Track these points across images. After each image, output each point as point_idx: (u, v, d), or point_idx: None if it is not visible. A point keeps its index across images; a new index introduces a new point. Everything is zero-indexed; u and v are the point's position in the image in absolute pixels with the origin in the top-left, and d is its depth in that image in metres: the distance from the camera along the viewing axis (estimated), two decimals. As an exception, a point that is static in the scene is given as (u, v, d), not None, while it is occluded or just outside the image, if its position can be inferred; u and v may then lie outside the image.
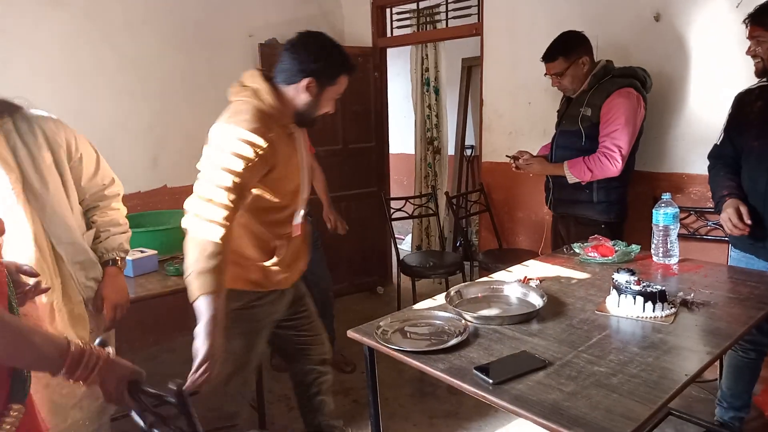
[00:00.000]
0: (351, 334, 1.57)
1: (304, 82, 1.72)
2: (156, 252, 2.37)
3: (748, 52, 2.03)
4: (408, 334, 1.56)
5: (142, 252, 2.33)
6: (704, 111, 2.64)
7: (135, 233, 2.04)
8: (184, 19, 3.40)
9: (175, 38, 3.38)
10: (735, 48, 2.52)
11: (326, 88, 1.77)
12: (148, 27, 3.26)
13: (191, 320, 1.58)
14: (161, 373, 2.97)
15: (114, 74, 3.15)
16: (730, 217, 1.95)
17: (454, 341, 1.45)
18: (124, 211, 1.89)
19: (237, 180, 1.60)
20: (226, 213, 1.59)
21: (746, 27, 2.00)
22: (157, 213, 3.00)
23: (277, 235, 1.86)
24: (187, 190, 1.65)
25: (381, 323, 1.57)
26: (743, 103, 2.10)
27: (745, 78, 2.28)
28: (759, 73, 2.02)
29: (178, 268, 2.28)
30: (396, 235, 4.60)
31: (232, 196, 1.60)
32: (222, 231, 1.58)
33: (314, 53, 1.72)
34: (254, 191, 1.74)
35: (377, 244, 4.38)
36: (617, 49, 2.77)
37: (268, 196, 1.77)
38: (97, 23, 3.07)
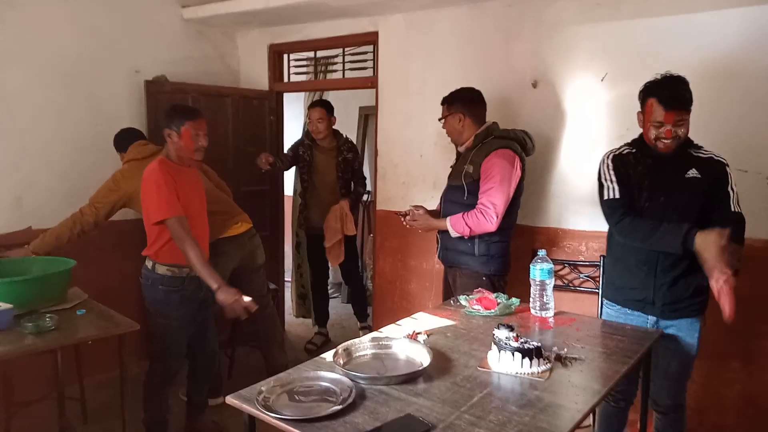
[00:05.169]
0: (230, 400, 1.47)
1: None
2: (11, 306, 2.09)
3: (667, 135, 1.96)
4: (296, 397, 1.50)
5: (-7, 306, 2.06)
6: (575, 172, 2.88)
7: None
8: (63, 51, 3.18)
9: (52, 71, 3.15)
10: (600, 115, 2.80)
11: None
12: (18, 58, 3.01)
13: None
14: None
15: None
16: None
17: (333, 409, 1.39)
18: None
19: None
20: None
21: (663, 111, 1.94)
22: (17, 260, 2.54)
23: None
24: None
25: (263, 388, 1.49)
26: (624, 164, 2.10)
27: (609, 143, 2.52)
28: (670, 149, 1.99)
29: (38, 324, 2.04)
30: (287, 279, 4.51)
31: None
32: None
33: None
34: None
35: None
36: (504, 111, 2.96)
37: None
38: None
